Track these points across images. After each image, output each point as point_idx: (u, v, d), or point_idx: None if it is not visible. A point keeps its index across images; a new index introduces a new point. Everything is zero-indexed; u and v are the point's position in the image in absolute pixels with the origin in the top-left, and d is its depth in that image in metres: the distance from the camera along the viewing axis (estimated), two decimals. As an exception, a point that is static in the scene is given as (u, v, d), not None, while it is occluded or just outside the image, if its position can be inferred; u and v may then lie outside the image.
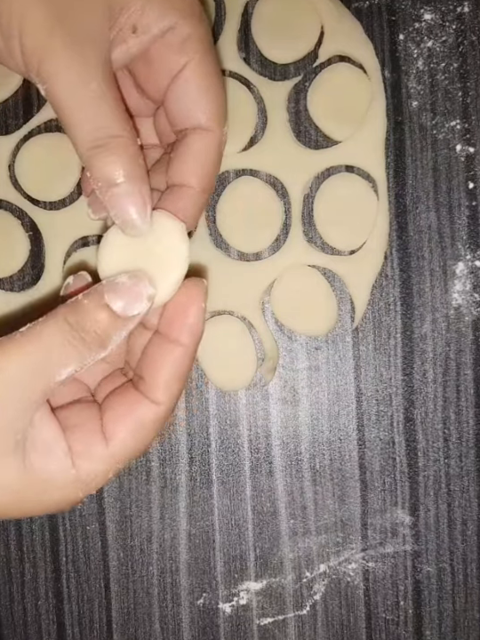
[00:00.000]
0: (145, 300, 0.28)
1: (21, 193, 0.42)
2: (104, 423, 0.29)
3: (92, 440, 0.29)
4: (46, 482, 0.28)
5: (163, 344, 0.29)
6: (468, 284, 0.40)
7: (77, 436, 0.28)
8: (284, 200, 0.41)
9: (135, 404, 0.29)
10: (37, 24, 0.28)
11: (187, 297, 0.29)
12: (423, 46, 0.40)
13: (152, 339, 0.30)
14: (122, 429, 0.29)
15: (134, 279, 0.28)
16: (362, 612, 0.42)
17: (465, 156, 0.40)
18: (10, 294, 0.42)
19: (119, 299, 0.28)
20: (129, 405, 0.29)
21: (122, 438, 0.29)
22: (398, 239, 0.41)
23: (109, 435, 0.29)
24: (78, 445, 0.28)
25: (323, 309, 0.41)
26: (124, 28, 0.30)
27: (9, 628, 0.43)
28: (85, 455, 0.28)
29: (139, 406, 0.29)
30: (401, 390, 0.41)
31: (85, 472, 0.28)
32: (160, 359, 0.29)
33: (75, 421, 0.29)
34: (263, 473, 0.42)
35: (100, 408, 0.30)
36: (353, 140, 0.40)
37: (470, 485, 0.41)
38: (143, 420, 0.29)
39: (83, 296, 0.28)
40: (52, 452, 0.28)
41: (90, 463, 0.28)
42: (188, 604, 0.43)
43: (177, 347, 0.29)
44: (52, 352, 0.27)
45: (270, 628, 0.42)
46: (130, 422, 0.29)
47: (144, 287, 0.28)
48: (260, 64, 0.41)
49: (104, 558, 0.43)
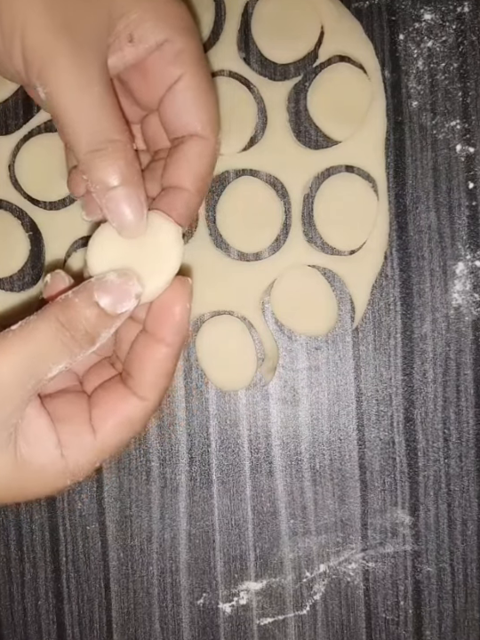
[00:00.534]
0: (133, 298, 0.29)
1: (21, 193, 0.42)
2: (93, 416, 0.30)
3: (81, 432, 0.29)
4: (37, 472, 0.29)
5: (149, 343, 0.30)
6: (468, 284, 0.40)
7: (67, 428, 0.29)
8: (284, 200, 0.41)
9: (123, 399, 0.30)
10: (41, 26, 0.28)
11: (172, 296, 0.30)
12: (423, 46, 0.40)
13: (139, 337, 0.31)
14: (110, 423, 0.30)
15: (123, 277, 0.29)
16: (362, 612, 0.42)
17: (465, 155, 0.40)
18: (10, 294, 0.42)
19: (108, 296, 0.28)
20: (117, 400, 0.30)
21: (109, 431, 0.30)
22: (398, 239, 0.41)
23: (97, 427, 0.30)
24: (67, 437, 0.29)
25: (323, 309, 0.41)
26: (121, 36, 0.30)
27: (9, 628, 0.43)
28: (74, 446, 0.29)
29: (126, 402, 0.30)
30: (401, 390, 0.41)
31: (74, 462, 0.29)
32: (146, 358, 0.30)
33: (64, 413, 0.30)
34: (263, 473, 0.42)
35: (88, 399, 0.31)
36: (353, 140, 0.40)
37: (470, 485, 0.41)
38: (130, 414, 0.30)
39: (73, 294, 0.28)
40: (42, 445, 0.29)
41: (78, 454, 0.29)
42: (187, 603, 0.43)
43: (163, 346, 0.30)
44: (44, 350, 0.28)
45: (270, 627, 0.42)
46: (118, 416, 0.30)
47: (132, 285, 0.29)
48: (260, 64, 0.41)
49: (104, 558, 0.43)
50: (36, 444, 0.28)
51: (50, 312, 0.28)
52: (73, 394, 0.32)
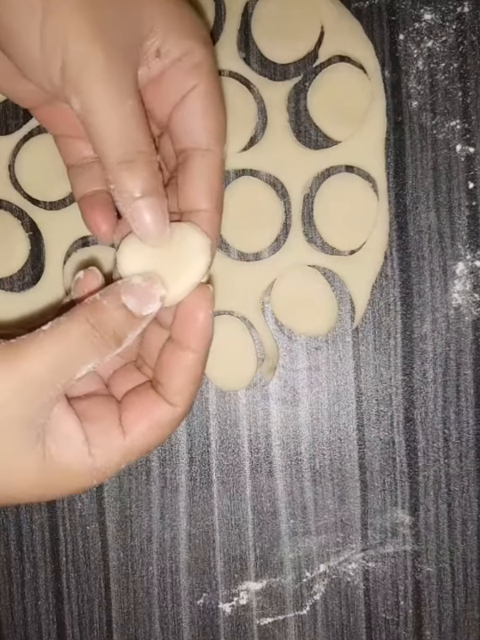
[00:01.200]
0: (157, 301, 0.30)
1: (21, 193, 0.42)
2: (123, 418, 0.31)
3: (110, 432, 0.30)
4: (64, 471, 0.29)
5: (176, 350, 0.31)
6: (468, 284, 0.40)
7: (95, 427, 0.30)
8: (284, 200, 0.41)
9: (154, 404, 0.31)
10: (82, 38, 0.29)
11: (195, 303, 0.31)
12: (423, 46, 0.40)
13: (166, 345, 0.32)
14: (140, 426, 0.31)
15: (148, 281, 0.30)
16: (362, 612, 0.42)
17: (465, 155, 0.40)
18: (10, 294, 0.42)
19: (135, 299, 0.30)
20: (148, 405, 0.31)
21: (139, 434, 0.31)
22: (398, 239, 0.41)
23: (127, 429, 0.31)
24: (96, 436, 0.30)
25: (323, 309, 0.41)
26: (148, 51, 0.31)
27: (9, 628, 0.43)
28: (102, 445, 0.30)
29: (157, 407, 0.31)
30: (401, 390, 0.41)
31: (101, 461, 0.30)
32: (174, 365, 0.31)
33: (93, 414, 0.31)
34: (263, 473, 0.42)
35: (116, 402, 0.32)
36: (353, 140, 0.40)
37: (470, 485, 0.41)
38: (160, 419, 0.31)
39: (101, 296, 0.30)
40: (70, 444, 0.29)
41: (106, 453, 0.30)
42: (187, 603, 0.43)
43: (189, 353, 0.31)
44: (74, 350, 0.28)
45: (270, 628, 0.42)
46: (148, 420, 0.31)
47: (157, 289, 0.30)
48: (260, 64, 0.41)
49: (104, 558, 0.43)
50: (64, 443, 0.29)
51: (80, 313, 0.29)
52: (101, 397, 0.33)
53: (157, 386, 0.32)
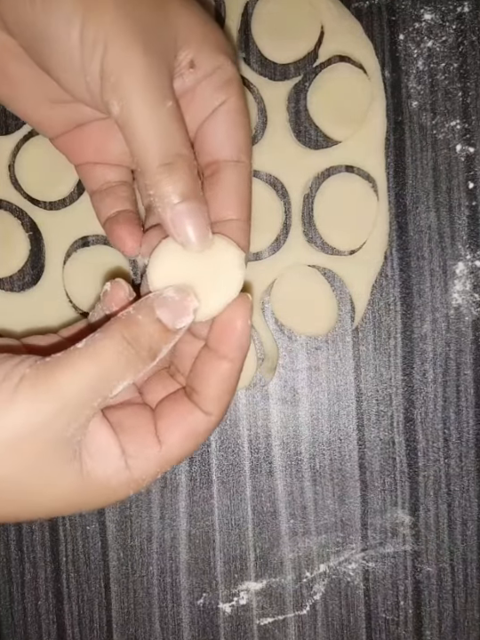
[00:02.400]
0: (191, 314, 0.30)
1: (21, 193, 0.42)
2: (158, 427, 0.31)
3: (146, 442, 0.30)
4: (102, 485, 0.29)
5: (212, 359, 0.31)
6: (468, 284, 0.40)
7: (131, 437, 0.30)
8: (284, 200, 0.41)
9: (189, 413, 0.31)
10: (123, 43, 0.29)
11: (234, 312, 0.31)
12: (423, 46, 0.40)
13: (202, 354, 0.32)
14: (176, 435, 0.30)
15: (181, 293, 0.30)
16: (362, 612, 0.42)
17: (465, 155, 0.40)
18: (10, 294, 0.42)
19: (168, 313, 0.29)
20: (183, 413, 0.31)
21: (175, 443, 0.30)
22: (398, 239, 0.41)
23: (163, 438, 0.30)
24: (132, 447, 0.30)
25: (323, 309, 0.41)
26: (182, 62, 0.31)
27: (9, 628, 0.43)
28: (139, 456, 0.30)
29: (192, 416, 0.31)
30: (401, 390, 0.41)
31: (138, 472, 0.30)
32: (210, 374, 0.31)
33: (129, 424, 0.31)
34: (263, 473, 0.42)
35: (151, 411, 0.32)
36: (353, 140, 0.40)
37: (470, 485, 0.41)
38: (195, 427, 0.31)
39: (135, 310, 0.29)
40: (106, 457, 0.29)
41: (143, 464, 0.30)
42: (187, 603, 0.43)
43: (225, 362, 0.31)
44: (110, 369, 0.28)
45: (270, 628, 0.42)
46: (184, 429, 0.31)
47: (190, 301, 0.30)
48: (260, 64, 0.41)
49: (104, 558, 0.43)
50: (100, 458, 0.29)
51: (114, 329, 0.28)
52: (136, 406, 0.32)
53: (192, 394, 0.31)
